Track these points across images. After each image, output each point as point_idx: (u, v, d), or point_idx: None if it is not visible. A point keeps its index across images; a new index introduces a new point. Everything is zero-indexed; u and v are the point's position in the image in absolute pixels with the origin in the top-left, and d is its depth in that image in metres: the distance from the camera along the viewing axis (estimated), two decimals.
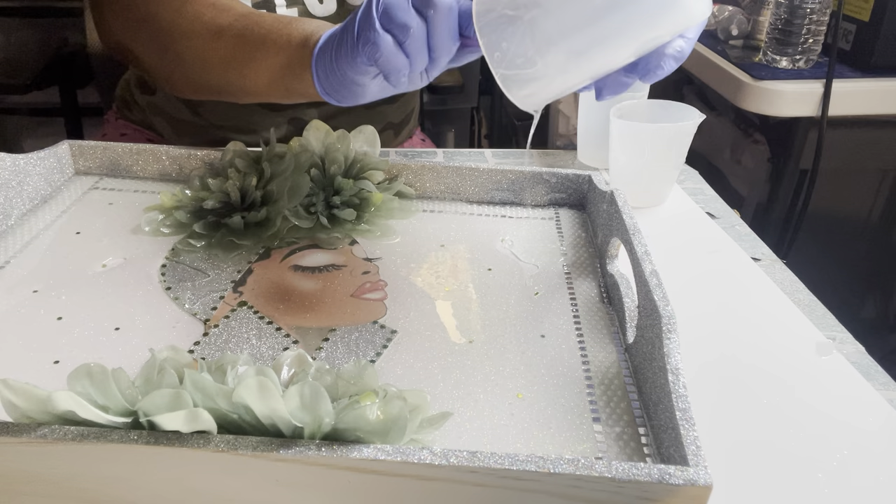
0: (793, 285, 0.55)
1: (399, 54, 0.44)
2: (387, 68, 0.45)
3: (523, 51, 0.39)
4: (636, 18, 0.38)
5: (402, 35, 0.44)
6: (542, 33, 0.38)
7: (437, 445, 0.32)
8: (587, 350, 0.45)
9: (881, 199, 1.25)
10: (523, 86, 0.40)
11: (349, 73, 0.48)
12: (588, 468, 0.29)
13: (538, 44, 0.39)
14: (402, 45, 0.44)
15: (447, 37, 0.44)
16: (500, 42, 0.39)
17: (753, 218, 1.18)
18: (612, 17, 0.37)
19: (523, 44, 0.39)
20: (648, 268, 0.43)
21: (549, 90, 0.41)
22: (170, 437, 0.30)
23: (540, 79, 0.40)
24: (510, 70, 0.40)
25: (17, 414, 0.31)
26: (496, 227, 0.59)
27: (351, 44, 0.46)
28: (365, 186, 0.58)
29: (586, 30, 0.38)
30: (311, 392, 0.31)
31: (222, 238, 0.55)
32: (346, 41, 0.47)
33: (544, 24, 0.38)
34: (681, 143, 0.63)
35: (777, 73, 1.03)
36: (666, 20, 0.38)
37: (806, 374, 0.45)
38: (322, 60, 0.50)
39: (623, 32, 0.38)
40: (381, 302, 0.49)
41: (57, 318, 0.46)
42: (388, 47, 0.44)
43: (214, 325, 0.46)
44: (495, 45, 0.39)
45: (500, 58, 0.40)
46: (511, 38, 0.39)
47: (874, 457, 0.39)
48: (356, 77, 0.48)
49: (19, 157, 0.58)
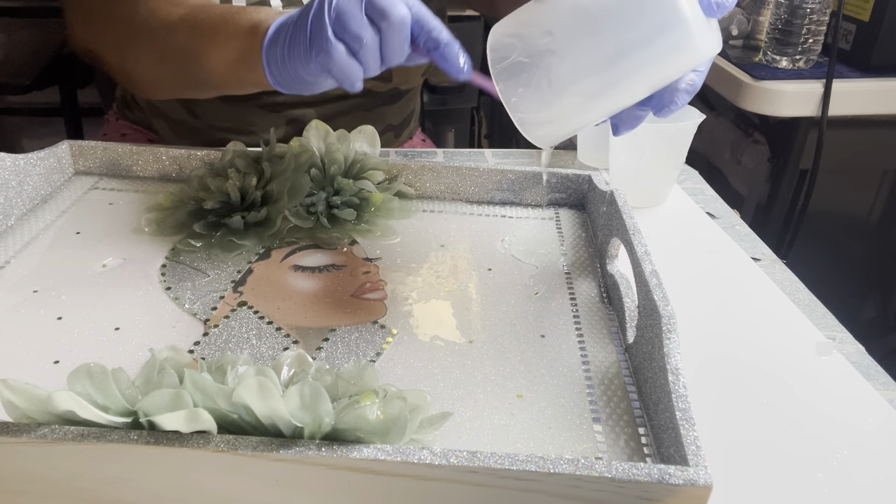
0: (793, 285, 0.55)
1: (352, 63, 0.44)
2: (340, 76, 0.45)
3: (539, 95, 0.40)
4: (649, 61, 0.38)
5: (356, 45, 0.44)
6: (558, 79, 0.39)
7: (437, 445, 0.32)
8: (587, 350, 0.45)
9: (881, 199, 1.25)
10: (540, 127, 0.41)
11: (302, 73, 0.47)
12: (588, 468, 0.29)
13: (554, 89, 0.39)
14: (356, 55, 0.44)
15: (399, 47, 0.44)
16: (517, 88, 0.40)
17: (753, 218, 1.18)
18: (625, 61, 0.38)
19: (539, 89, 0.40)
20: (648, 268, 0.43)
21: (566, 129, 0.42)
22: (170, 437, 0.30)
23: (556, 120, 0.41)
24: (527, 114, 0.41)
25: (17, 414, 0.31)
26: (496, 227, 0.59)
27: (304, 47, 0.46)
28: (365, 186, 0.58)
29: (601, 74, 0.39)
30: (311, 392, 0.31)
31: (222, 238, 0.55)
32: (298, 42, 0.46)
33: (559, 69, 0.39)
34: (681, 143, 0.63)
35: (777, 73, 1.03)
36: (678, 61, 0.38)
37: (806, 374, 0.45)
38: (273, 55, 0.49)
39: (636, 74, 0.39)
40: (381, 302, 0.49)
41: (57, 318, 0.46)
42: (340, 57, 0.44)
43: (214, 325, 0.46)
44: (512, 90, 0.40)
45: (517, 103, 0.41)
46: (527, 84, 0.40)
47: (874, 457, 0.39)
48: (308, 77, 0.47)
49: (19, 157, 0.58)
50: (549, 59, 0.39)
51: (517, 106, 0.41)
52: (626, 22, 0.37)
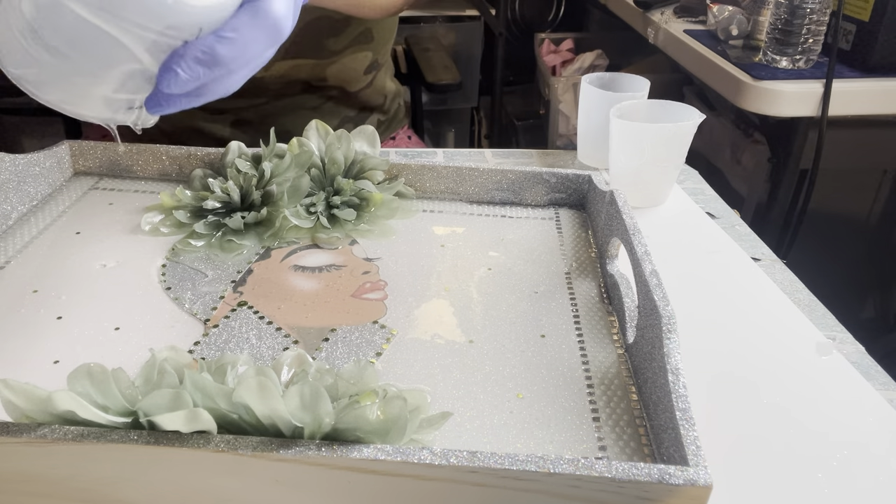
0: (793, 285, 0.55)
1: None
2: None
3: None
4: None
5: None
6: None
7: (437, 445, 0.32)
8: (587, 350, 0.45)
9: (881, 199, 1.25)
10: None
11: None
12: (588, 468, 0.29)
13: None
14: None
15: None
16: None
17: (753, 218, 1.18)
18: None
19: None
20: (648, 268, 0.43)
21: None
22: (170, 437, 0.30)
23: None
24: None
25: (17, 414, 0.31)
26: (496, 227, 0.59)
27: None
28: (365, 186, 0.58)
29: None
30: (311, 392, 0.31)
31: (222, 238, 0.55)
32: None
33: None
34: (681, 143, 0.63)
35: (777, 73, 1.03)
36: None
37: (806, 374, 0.45)
38: None
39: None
40: (381, 302, 0.49)
41: (57, 318, 0.46)
42: None
43: (214, 325, 0.46)
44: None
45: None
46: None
47: (874, 457, 0.39)
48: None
49: (19, 157, 0.58)
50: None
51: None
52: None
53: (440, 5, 1.88)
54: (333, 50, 0.79)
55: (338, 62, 0.81)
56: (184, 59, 0.37)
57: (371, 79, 0.86)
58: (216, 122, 0.81)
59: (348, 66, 0.82)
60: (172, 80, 0.37)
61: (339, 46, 0.80)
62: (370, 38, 0.83)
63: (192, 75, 0.37)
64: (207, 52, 0.37)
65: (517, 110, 2.01)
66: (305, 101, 0.82)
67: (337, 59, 0.80)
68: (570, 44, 1.79)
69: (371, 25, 0.82)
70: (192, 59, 0.37)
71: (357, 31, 0.80)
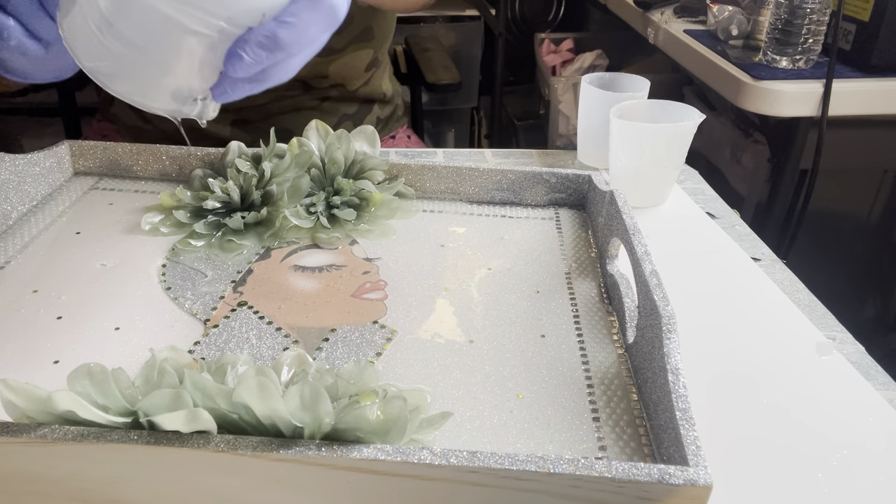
0: (793, 285, 0.55)
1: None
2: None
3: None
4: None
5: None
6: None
7: (437, 445, 0.32)
8: (587, 350, 0.45)
9: (881, 199, 1.25)
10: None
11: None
12: (588, 468, 0.29)
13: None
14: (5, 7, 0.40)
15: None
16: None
17: (753, 218, 1.18)
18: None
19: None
20: (648, 268, 0.43)
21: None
22: (170, 437, 0.30)
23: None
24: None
25: (17, 414, 0.31)
26: (496, 227, 0.59)
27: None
28: (365, 186, 0.58)
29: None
30: (311, 392, 0.31)
31: (222, 238, 0.55)
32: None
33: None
34: (681, 143, 0.63)
35: (777, 73, 1.03)
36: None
37: (806, 374, 0.45)
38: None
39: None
40: (381, 302, 0.49)
41: (57, 318, 0.46)
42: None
43: (214, 325, 0.46)
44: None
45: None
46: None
47: (874, 457, 0.39)
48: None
49: (19, 157, 0.58)
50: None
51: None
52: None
53: (440, 5, 1.88)
54: (336, 47, 0.80)
55: (339, 59, 0.81)
56: (248, 45, 0.38)
57: (370, 76, 0.86)
58: (216, 122, 0.81)
59: (349, 63, 0.82)
60: (238, 65, 0.39)
61: (342, 44, 0.80)
62: (371, 36, 0.83)
63: (255, 59, 0.39)
64: (270, 37, 0.38)
65: (517, 110, 2.01)
66: (305, 101, 0.82)
67: (339, 57, 0.81)
68: (570, 44, 1.79)
69: (372, 23, 0.82)
70: (256, 43, 0.38)
71: (359, 29, 0.81)
